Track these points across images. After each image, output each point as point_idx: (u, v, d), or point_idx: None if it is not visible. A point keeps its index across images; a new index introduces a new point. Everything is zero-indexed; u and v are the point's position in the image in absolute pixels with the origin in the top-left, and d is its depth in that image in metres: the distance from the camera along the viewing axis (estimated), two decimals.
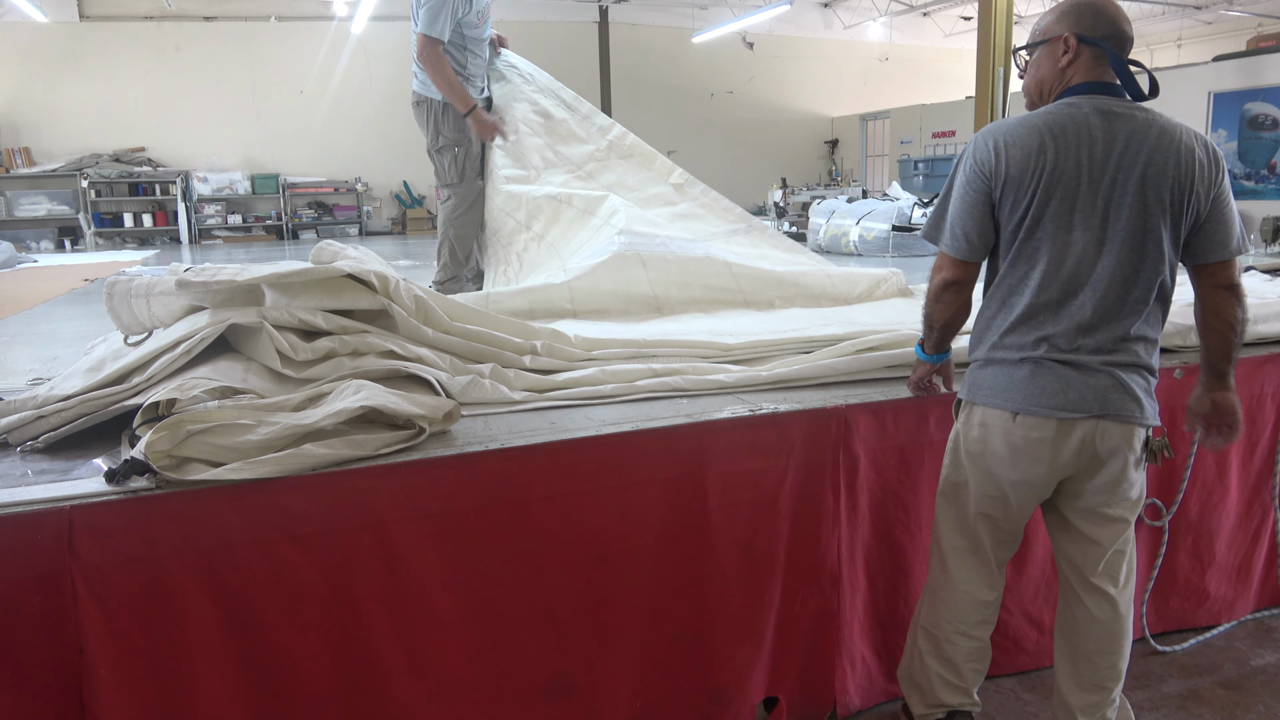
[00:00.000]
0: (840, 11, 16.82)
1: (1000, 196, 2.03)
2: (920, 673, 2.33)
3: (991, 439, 2.09)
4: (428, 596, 2.04)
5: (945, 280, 2.15)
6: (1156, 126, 1.98)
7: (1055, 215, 1.99)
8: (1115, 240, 1.98)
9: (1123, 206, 1.97)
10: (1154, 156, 1.96)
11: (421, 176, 14.71)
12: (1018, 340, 2.04)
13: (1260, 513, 3.02)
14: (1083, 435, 2.01)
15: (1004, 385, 2.06)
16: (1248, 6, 15.75)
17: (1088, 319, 1.99)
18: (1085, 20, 2.02)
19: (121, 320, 2.44)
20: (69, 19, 12.75)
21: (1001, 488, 2.12)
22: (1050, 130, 1.98)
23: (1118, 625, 2.18)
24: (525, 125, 4.37)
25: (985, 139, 2.05)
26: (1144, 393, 2.04)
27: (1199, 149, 1.99)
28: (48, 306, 5.35)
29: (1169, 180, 1.96)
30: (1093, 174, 1.97)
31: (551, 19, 14.79)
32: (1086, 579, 2.17)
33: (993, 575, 2.25)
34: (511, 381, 2.47)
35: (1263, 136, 10.83)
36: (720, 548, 2.32)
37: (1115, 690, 2.21)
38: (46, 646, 1.75)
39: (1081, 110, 1.99)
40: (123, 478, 1.79)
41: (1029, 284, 2.03)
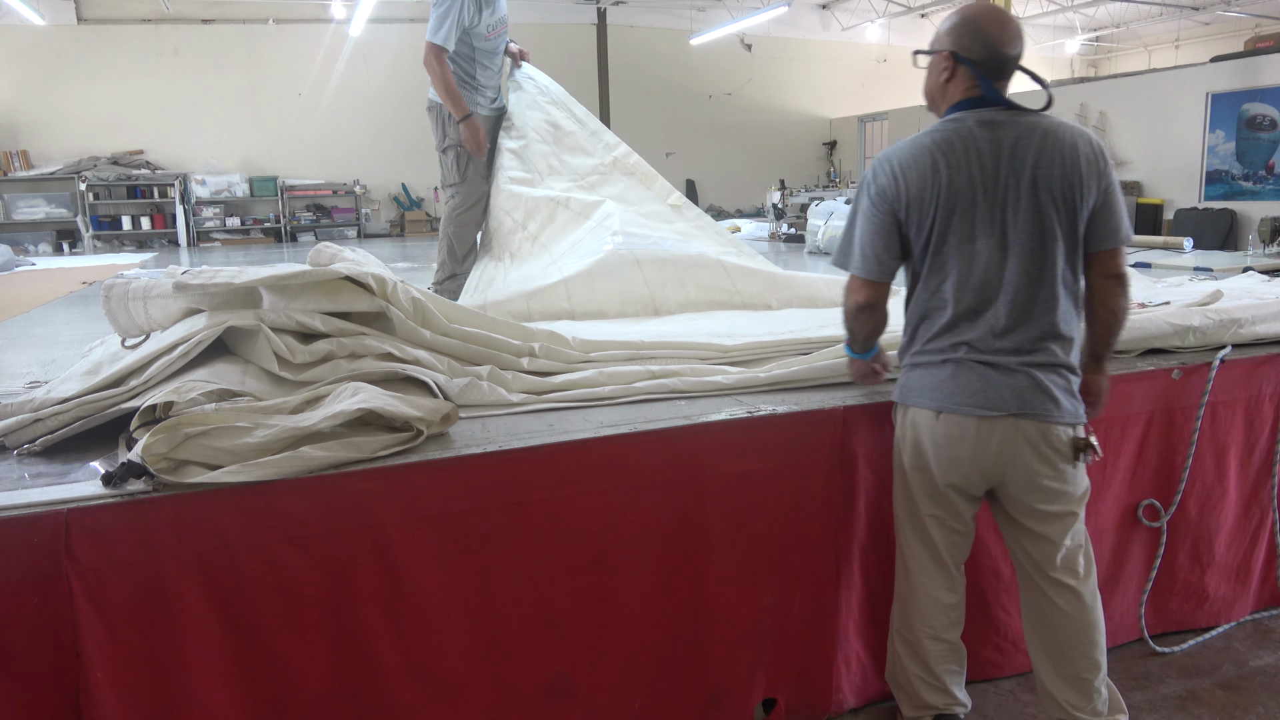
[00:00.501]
0: (838, 13, 16.83)
1: (905, 218, 2.11)
2: (902, 676, 2.36)
3: (921, 439, 2.17)
4: (426, 598, 2.04)
5: (859, 303, 2.23)
6: (1040, 129, 2.06)
7: (957, 229, 2.07)
8: (1017, 244, 2.06)
9: (1019, 211, 2.05)
10: (1040, 158, 2.04)
11: (420, 179, 14.70)
12: (939, 344, 2.13)
13: (1259, 513, 3.02)
14: (1003, 434, 2.06)
15: (928, 385, 2.14)
16: (1245, 7, 15.77)
17: (1002, 323, 2.06)
18: (964, 40, 2.08)
19: (119, 323, 2.43)
20: (67, 22, 12.75)
21: (936, 486, 2.18)
22: (939, 149, 2.07)
23: (1086, 616, 2.21)
24: (535, 133, 4.48)
25: (882, 165, 2.14)
26: (1063, 392, 2.09)
27: (1083, 144, 2.07)
28: (45, 309, 5.35)
29: (1058, 178, 2.04)
30: (985, 184, 2.05)
31: (550, 21, 14.79)
32: (1046, 574, 2.21)
33: (951, 577, 2.28)
34: (509, 383, 2.47)
35: (1260, 137, 10.83)
36: (718, 549, 2.31)
37: (1097, 679, 2.24)
38: (43, 650, 1.75)
39: (966, 124, 2.08)
40: (120, 481, 1.79)
41: (944, 296, 2.11)
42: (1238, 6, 15.73)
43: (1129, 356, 2.85)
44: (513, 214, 4.26)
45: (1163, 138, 11.91)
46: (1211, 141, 11.34)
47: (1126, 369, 2.74)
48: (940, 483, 2.17)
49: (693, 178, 16.71)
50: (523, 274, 3.94)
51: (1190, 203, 11.59)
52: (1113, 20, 17.32)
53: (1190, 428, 2.79)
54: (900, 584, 2.35)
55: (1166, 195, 11.92)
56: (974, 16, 2.09)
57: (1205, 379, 2.77)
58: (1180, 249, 6.10)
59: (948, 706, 2.32)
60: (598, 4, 15.23)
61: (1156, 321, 2.87)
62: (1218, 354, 2.82)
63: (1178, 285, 3.92)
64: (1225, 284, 3.75)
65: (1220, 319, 2.91)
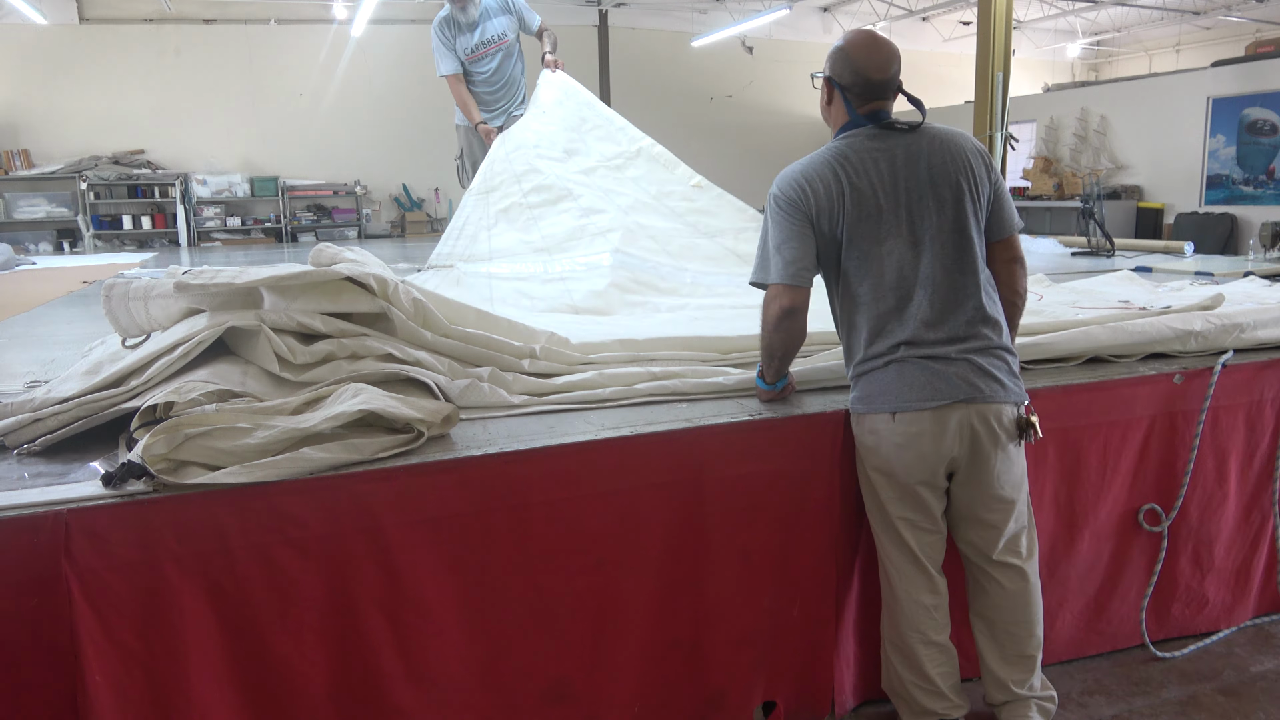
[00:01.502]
0: (840, 16, 16.82)
1: (817, 228, 2.19)
2: (899, 684, 2.38)
3: (880, 443, 2.21)
4: (425, 601, 2.03)
5: (783, 308, 2.24)
6: (927, 134, 2.23)
7: (865, 233, 2.18)
8: (928, 239, 2.17)
9: (922, 209, 2.17)
10: (932, 158, 2.19)
11: (421, 180, 14.69)
12: (878, 349, 2.19)
13: (1260, 518, 3.01)
14: (958, 421, 2.13)
15: (878, 390, 2.19)
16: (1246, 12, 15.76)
17: (929, 315, 2.15)
18: (838, 67, 2.25)
19: (120, 323, 2.43)
20: (69, 21, 12.73)
21: (903, 487, 2.22)
22: (837, 160, 2.20)
23: (1029, 594, 2.30)
24: (561, 121, 4.90)
25: (786, 180, 2.25)
26: (1005, 374, 2.18)
27: (968, 144, 2.24)
28: (46, 309, 5.34)
29: (952, 173, 2.18)
30: (885, 188, 2.17)
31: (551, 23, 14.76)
32: (990, 558, 2.28)
33: (932, 579, 2.30)
34: (510, 385, 2.46)
35: (1261, 142, 10.82)
36: (718, 552, 2.31)
37: (1039, 657, 2.32)
38: (41, 651, 1.74)
39: (857, 139, 2.22)
40: (120, 481, 1.78)
41: (862, 299, 2.19)
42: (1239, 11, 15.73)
43: (1131, 361, 2.85)
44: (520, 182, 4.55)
45: (1164, 142, 11.91)
46: (1212, 146, 11.34)
47: (1128, 373, 2.73)
48: (909, 482, 2.20)
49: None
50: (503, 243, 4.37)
51: (1191, 207, 11.58)
52: (1114, 24, 17.32)
53: (1192, 432, 2.78)
54: (885, 593, 2.37)
55: (1167, 199, 11.92)
56: (845, 45, 2.25)
57: (1207, 384, 2.77)
58: (1181, 253, 6.10)
59: (947, 711, 2.32)
60: (599, 6, 15.23)
61: (1158, 326, 2.87)
62: (1220, 359, 2.81)
63: (1179, 290, 3.92)
64: (1226, 288, 3.75)
65: (1222, 324, 2.91)
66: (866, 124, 2.24)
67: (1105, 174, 12.42)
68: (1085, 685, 2.71)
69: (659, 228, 4.40)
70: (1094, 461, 2.69)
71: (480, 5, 4.97)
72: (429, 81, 6.37)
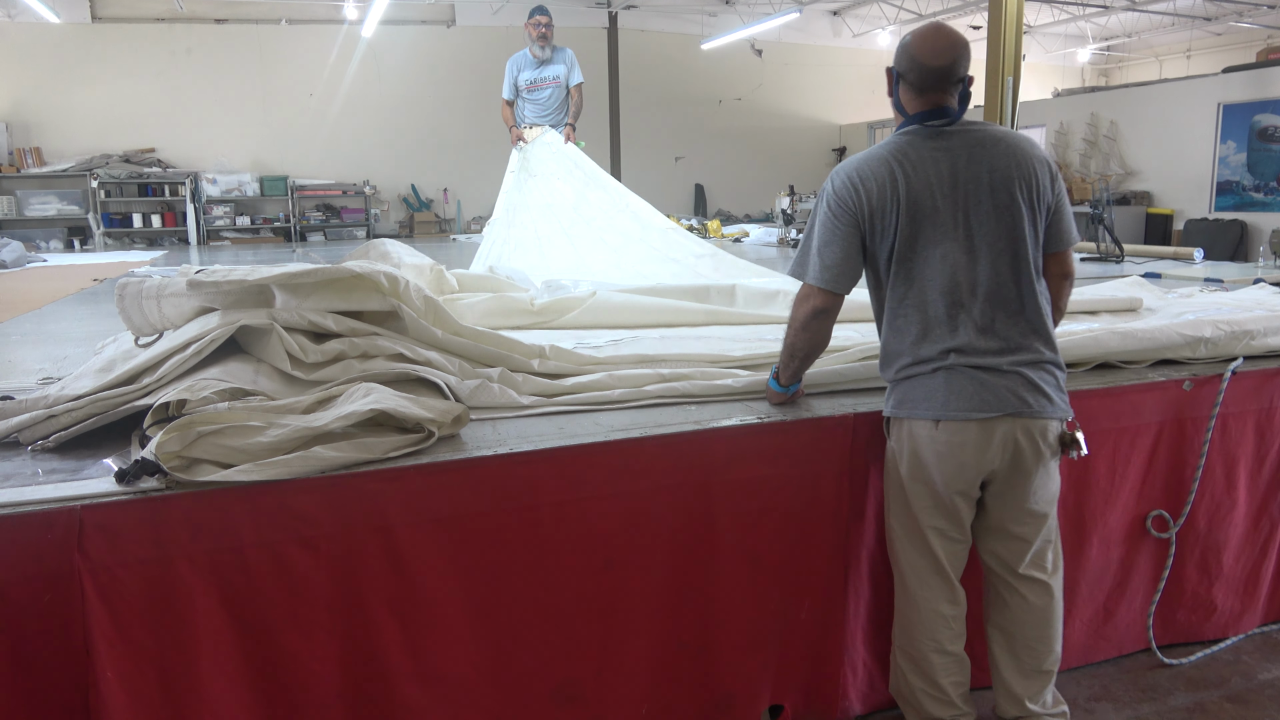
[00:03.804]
0: (849, 20, 16.81)
1: (868, 228, 2.14)
2: (907, 690, 2.37)
3: (920, 450, 2.16)
4: (435, 600, 2.04)
5: (814, 308, 2.22)
6: (990, 136, 2.15)
7: (921, 235, 2.11)
8: (984, 246, 2.10)
9: (981, 213, 2.10)
10: (995, 162, 2.11)
11: (429, 180, 14.73)
12: (926, 353, 2.13)
13: (1269, 525, 3.00)
14: (1003, 434, 2.10)
15: (923, 396, 2.14)
16: (1257, 18, 15.71)
17: (981, 323, 2.10)
18: (897, 56, 2.18)
19: (133, 321, 2.44)
20: (82, 20, 12.79)
21: (939, 496, 2.18)
22: (895, 159, 2.12)
23: (1052, 610, 2.27)
24: (564, 183, 6.09)
25: (841, 176, 2.17)
26: (1053, 388, 2.14)
27: (1034, 149, 2.16)
28: (57, 306, 5.36)
29: (1015, 180, 2.11)
30: (942, 190, 2.10)
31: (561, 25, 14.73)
32: (1015, 571, 2.25)
33: (954, 589, 2.28)
34: (520, 386, 2.47)
35: (1272, 149, 10.78)
36: (727, 555, 2.31)
37: (1055, 672, 2.31)
38: (54, 647, 1.76)
39: (918, 136, 2.14)
40: (133, 478, 1.80)
41: (912, 303, 2.13)
42: (1250, 17, 15.68)
43: (1140, 367, 2.84)
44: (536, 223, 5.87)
45: (1174, 148, 11.87)
46: (1222, 152, 11.30)
47: (1138, 379, 2.73)
48: (945, 492, 2.17)
49: (702, 182, 16.70)
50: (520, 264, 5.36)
51: (1201, 213, 11.54)
52: (1124, 30, 17.27)
53: (1201, 439, 2.78)
54: (900, 600, 2.35)
55: (1177, 205, 11.88)
56: (914, 36, 2.17)
57: (1216, 390, 2.76)
58: (1190, 259, 6.08)
59: (954, 718, 2.32)
60: (609, 8, 15.25)
61: (1168, 332, 2.86)
62: (1229, 365, 2.81)
63: (1188, 296, 3.91)
64: (1236, 295, 3.74)
65: (1232, 330, 2.90)
66: (925, 120, 2.14)
67: (1115, 180, 12.38)
68: (1092, 691, 2.70)
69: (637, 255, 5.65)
70: (1103, 467, 2.69)
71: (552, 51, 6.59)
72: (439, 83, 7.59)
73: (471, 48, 14.23)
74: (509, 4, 13.70)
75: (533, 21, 6.55)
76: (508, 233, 5.84)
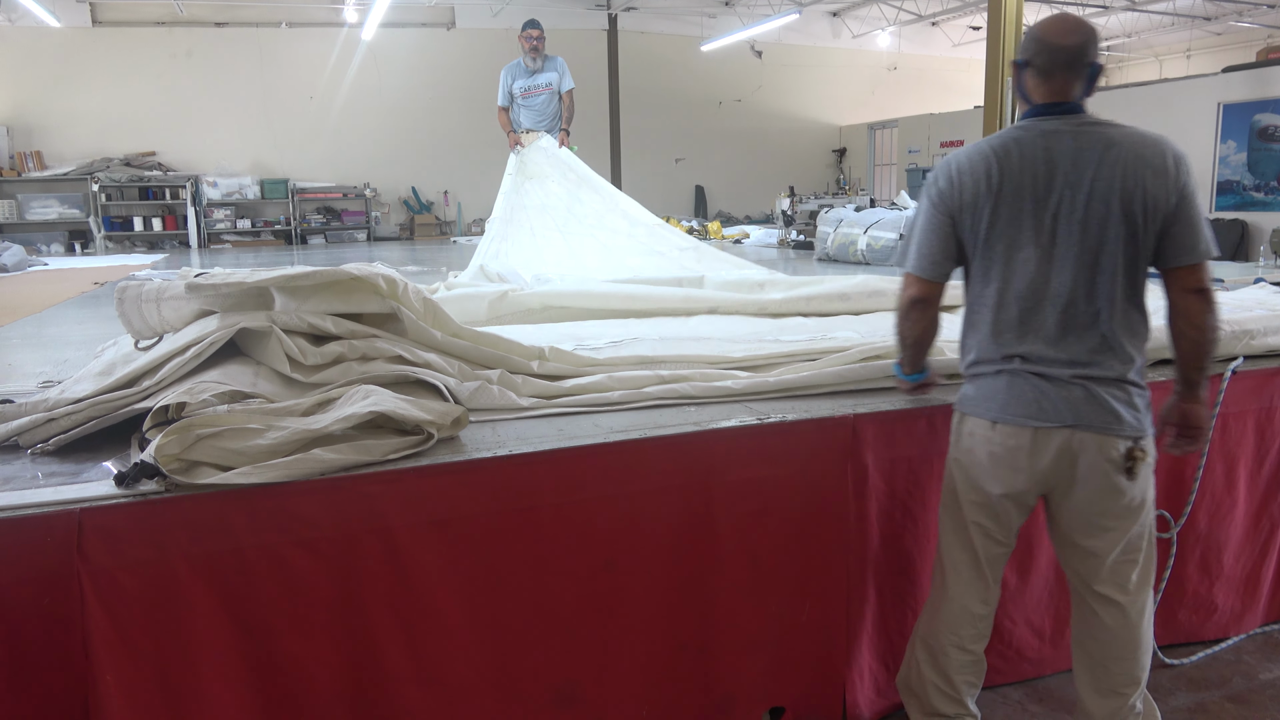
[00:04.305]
0: (849, 21, 16.82)
1: (959, 220, 2.12)
2: (917, 681, 2.35)
3: (976, 448, 2.15)
4: (435, 602, 2.04)
5: (911, 297, 2.21)
6: (1105, 140, 2.01)
7: (1004, 235, 2.07)
8: (1068, 256, 2.03)
9: (1072, 223, 2.02)
10: (1100, 171, 2.00)
11: (430, 183, 14.75)
12: (992, 354, 2.11)
13: (1269, 525, 3.00)
14: (1059, 445, 2.05)
15: (984, 395, 2.13)
16: (1257, 18, 15.72)
17: (1052, 333, 2.05)
18: (1023, 46, 2.09)
19: (132, 325, 2.44)
20: (82, 24, 12.82)
21: (988, 496, 2.16)
22: (996, 154, 2.06)
23: (1128, 632, 2.18)
24: (558, 185, 6.40)
25: (944, 166, 2.15)
26: (1122, 404, 2.04)
27: (1154, 157, 2.00)
28: (58, 309, 5.37)
29: (1118, 192, 1.99)
30: (1037, 193, 2.03)
31: (561, 27, 14.79)
32: (1091, 587, 2.19)
33: (988, 588, 2.26)
34: (519, 388, 2.47)
35: (1273, 148, 10.77)
36: (727, 556, 2.31)
37: (1134, 696, 2.22)
38: (53, 649, 1.76)
39: (1029, 133, 2.06)
40: (132, 481, 1.80)
41: (988, 302, 2.11)
42: (1250, 17, 15.69)
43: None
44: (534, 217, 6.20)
45: None
46: (1223, 152, 11.30)
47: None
48: (994, 493, 2.15)
49: (702, 184, 16.71)
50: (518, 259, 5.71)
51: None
52: (1124, 30, 17.28)
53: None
54: (935, 589, 2.34)
55: None
56: (1039, 23, 2.08)
57: (1217, 390, 2.76)
58: None
59: (959, 715, 2.31)
60: (609, 10, 15.26)
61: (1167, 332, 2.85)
62: (1230, 365, 2.81)
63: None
64: (1236, 295, 3.74)
65: (1232, 330, 2.90)
66: (1044, 114, 2.05)
67: None
68: None
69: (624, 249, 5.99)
70: None
71: (543, 61, 6.97)
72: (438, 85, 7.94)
73: (471, 50, 14.25)
74: (509, 6, 13.72)
75: (525, 35, 6.99)
76: (505, 229, 6.20)
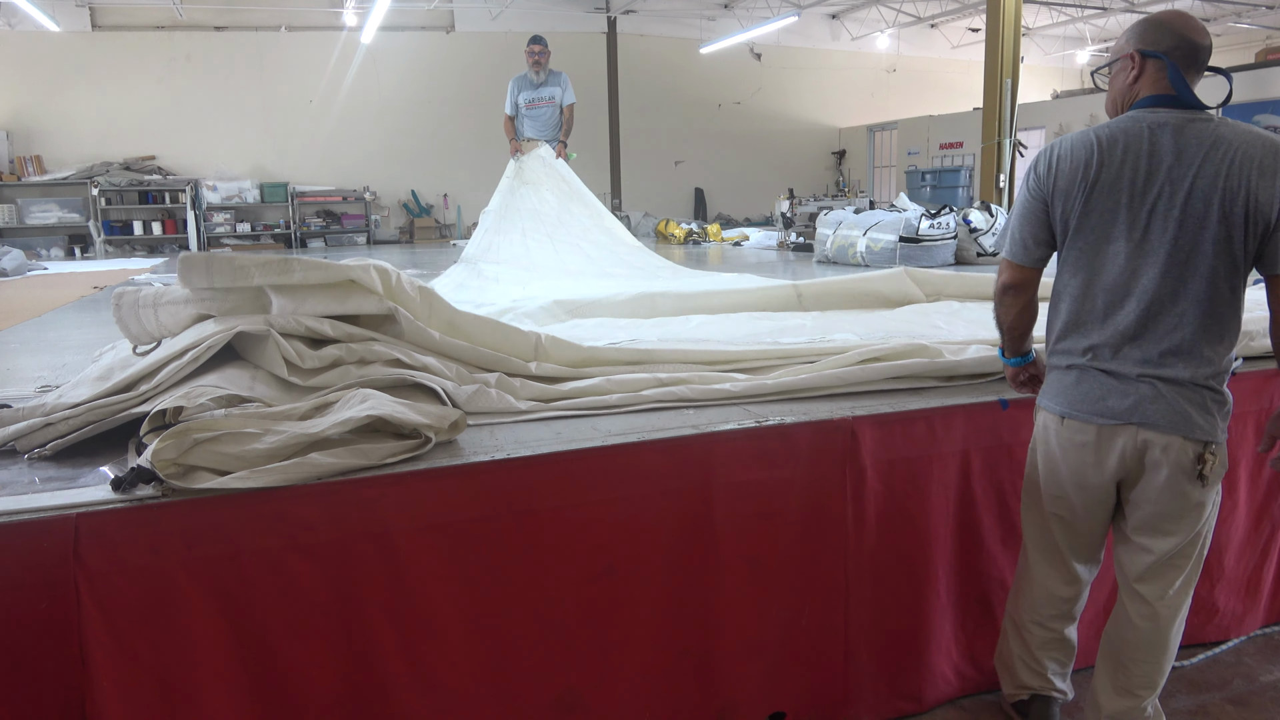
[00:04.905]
0: (848, 23, 16.83)
1: (1051, 206, 2.09)
2: (1006, 655, 2.45)
3: (1049, 440, 2.20)
4: (433, 607, 2.03)
5: (1004, 284, 2.22)
6: (1213, 138, 1.96)
7: (1095, 227, 2.04)
8: (1160, 253, 1.99)
9: (1169, 220, 1.97)
10: (1204, 169, 1.94)
11: (429, 186, 14.75)
12: (1068, 347, 2.13)
13: (1269, 527, 2.99)
14: (1124, 443, 2.06)
15: (1056, 390, 2.17)
16: (1256, 19, 15.74)
17: (1131, 330, 2.03)
18: (1149, 35, 2.04)
19: (130, 330, 2.44)
20: (82, 28, 12.83)
21: (1063, 488, 2.20)
22: (1101, 144, 2.02)
23: (1156, 635, 2.20)
24: (551, 193, 6.93)
25: (1048, 150, 2.12)
26: (1196, 407, 2.01)
27: (1265, 155, 1.93)
28: (57, 314, 5.37)
29: (1219, 193, 1.93)
30: (1136, 187, 1.99)
31: (560, 29, 14.82)
32: (1129, 583, 2.22)
33: (1070, 572, 2.30)
34: (517, 391, 2.47)
35: None
36: (727, 560, 2.30)
37: (1148, 700, 2.25)
38: (50, 654, 1.75)
39: (1139, 124, 2.01)
40: (129, 486, 1.79)
41: (1072, 292, 2.10)
42: (1248, 18, 15.70)
43: None
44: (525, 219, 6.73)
45: None
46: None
47: None
48: (1067, 486, 2.19)
49: (701, 186, 16.71)
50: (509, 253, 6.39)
51: None
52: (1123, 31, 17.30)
53: None
54: (1020, 568, 2.42)
55: None
56: (1158, 17, 2.06)
57: None
58: None
59: (1043, 689, 2.39)
60: (608, 13, 15.27)
61: None
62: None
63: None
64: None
65: None
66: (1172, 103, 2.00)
67: None
68: None
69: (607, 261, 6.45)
70: None
71: (547, 75, 7.54)
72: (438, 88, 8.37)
73: (470, 53, 14.26)
74: (507, 10, 13.73)
75: (528, 50, 7.53)
76: (499, 223, 6.77)
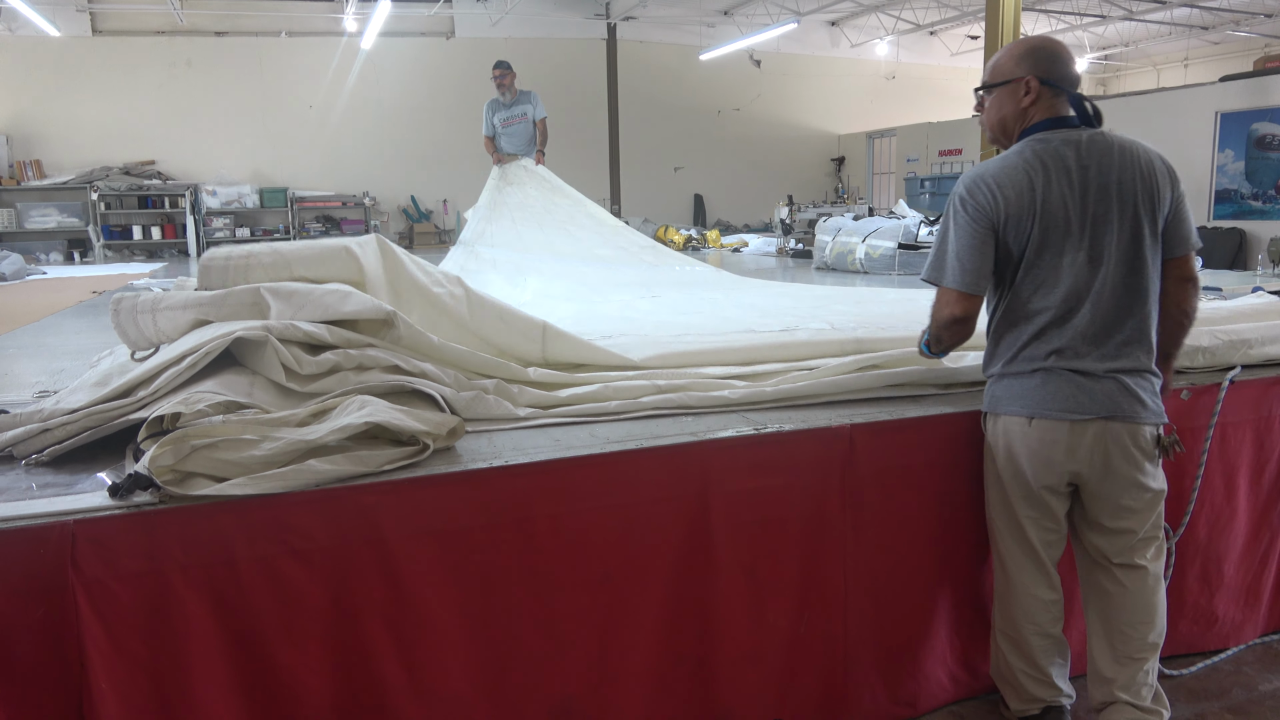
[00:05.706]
0: (847, 30, 16.86)
1: (1003, 233, 2.18)
2: (1007, 671, 2.45)
3: (1014, 444, 2.27)
4: (430, 615, 2.03)
5: (954, 316, 2.25)
6: (1116, 145, 2.20)
7: (1051, 244, 2.18)
8: (1109, 256, 2.17)
9: (1108, 222, 2.17)
10: (1121, 174, 2.18)
11: (429, 191, 14.76)
12: (1030, 354, 2.21)
13: (1269, 535, 2.99)
14: (1093, 436, 2.17)
15: (1019, 394, 2.24)
16: (1255, 27, 15.77)
17: (1089, 330, 2.17)
18: (1043, 64, 2.22)
19: (128, 336, 2.44)
20: (82, 33, 12.84)
21: (1030, 489, 2.26)
22: (1031, 167, 2.17)
23: (1150, 596, 2.30)
24: (535, 189, 7.32)
25: (979, 183, 2.20)
26: (1148, 394, 2.21)
27: (1155, 158, 2.23)
28: (56, 319, 5.37)
29: (1137, 189, 2.18)
30: (1074, 201, 2.16)
31: (559, 36, 14.86)
32: (1112, 560, 2.30)
33: (1050, 575, 2.36)
34: (516, 397, 2.46)
35: (1270, 157, 10.79)
36: (725, 568, 2.30)
37: (1150, 661, 2.31)
38: (48, 661, 1.75)
39: (1052, 145, 2.19)
40: (126, 492, 1.79)
41: (1034, 307, 2.20)
42: (1247, 26, 15.74)
43: None
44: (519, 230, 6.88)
45: (1172, 156, 11.43)
46: (1220, 161, 11.31)
47: None
48: (1034, 485, 2.26)
49: (701, 192, 16.73)
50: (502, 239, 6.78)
51: (1199, 221, 11.38)
52: (1122, 39, 17.34)
53: (1199, 449, 2.77)
54: (999, 584, 2.44)
55: None
56: (1046, 43, 2.24)
57: (1215, 400, 2.76)
58: None
59: (1054, 698, 2.41)
60: (608, 20, 15.30)
61: None
62: (1227, 375, 2.80)
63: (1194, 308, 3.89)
64: (1234, 304, 3.74)
65: (1230, 339, 2.90)
66: (1058, 126, 2.21)
67: None
68: None
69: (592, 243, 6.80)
70: None
71: (516, 95, 8.09)
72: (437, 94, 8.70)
73: (471, 59, 14.26)
74: (508, 16, 13.75)
75: (493, 76, 8.17)
76: (490, 213, 7.21)
